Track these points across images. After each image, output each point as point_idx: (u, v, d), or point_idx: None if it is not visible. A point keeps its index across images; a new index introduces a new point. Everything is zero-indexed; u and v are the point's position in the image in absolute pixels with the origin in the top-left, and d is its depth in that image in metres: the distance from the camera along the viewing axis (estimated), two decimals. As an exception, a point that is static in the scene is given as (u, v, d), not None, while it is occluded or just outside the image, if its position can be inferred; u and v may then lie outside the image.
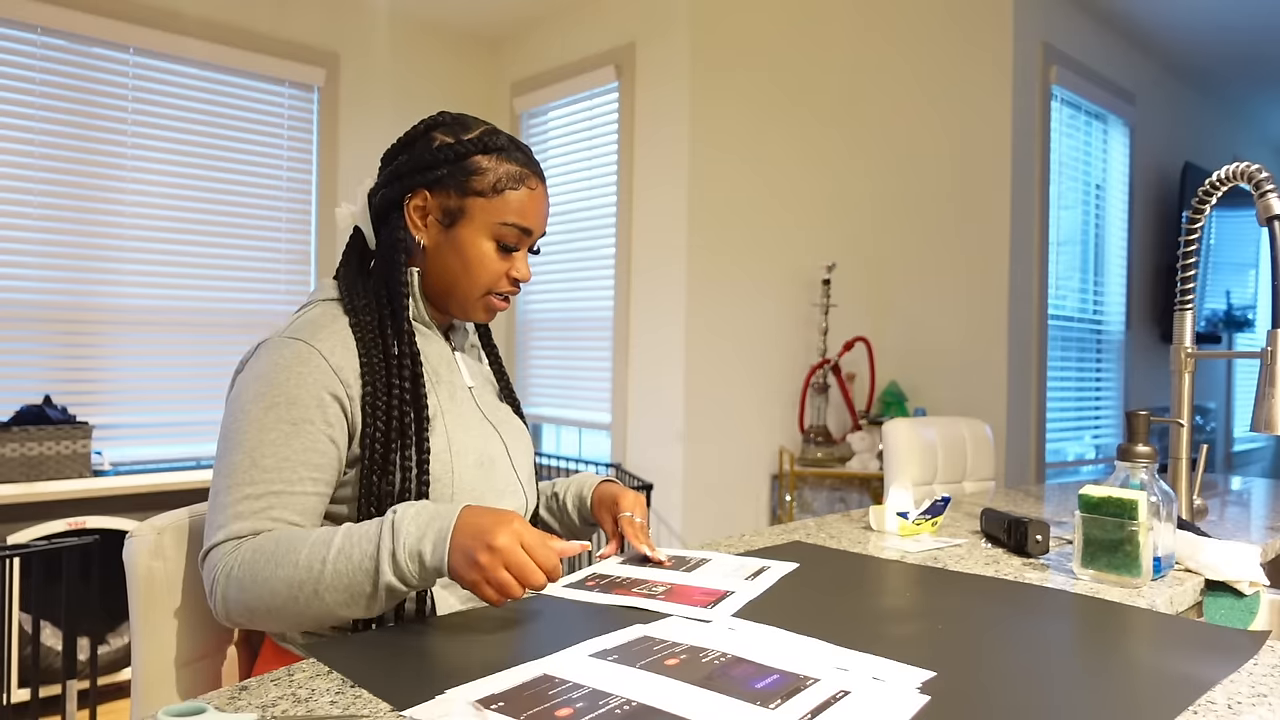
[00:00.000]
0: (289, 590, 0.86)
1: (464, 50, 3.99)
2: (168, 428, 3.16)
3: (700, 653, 0.77)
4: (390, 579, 0.84)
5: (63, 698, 2.04)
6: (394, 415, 0.99)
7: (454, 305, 1.10)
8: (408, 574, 0.85)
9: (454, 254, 1.06)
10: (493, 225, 1.06)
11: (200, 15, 3.20)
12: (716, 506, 3.13)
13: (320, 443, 0.96)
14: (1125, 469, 1.15)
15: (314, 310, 1.05)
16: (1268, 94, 4.85)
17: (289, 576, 0.86)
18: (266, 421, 0.94)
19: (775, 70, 3.22)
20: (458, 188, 1.05)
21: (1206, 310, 4.70)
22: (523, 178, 1.07)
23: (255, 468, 0.93)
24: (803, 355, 3.30)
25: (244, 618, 0.90)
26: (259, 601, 0.88)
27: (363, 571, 0.85)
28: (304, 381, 0.96)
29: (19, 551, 2.01)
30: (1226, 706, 0.69)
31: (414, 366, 1.02)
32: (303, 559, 0.86)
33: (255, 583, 0.88)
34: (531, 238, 1.09)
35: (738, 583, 1.03)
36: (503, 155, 1.06)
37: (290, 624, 0.90)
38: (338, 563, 0.85)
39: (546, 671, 0.72)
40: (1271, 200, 1.25)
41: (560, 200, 3.72)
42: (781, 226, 3.25)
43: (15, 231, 2.86)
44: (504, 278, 1.08)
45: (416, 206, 1.07)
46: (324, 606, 0.86)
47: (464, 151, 1.05)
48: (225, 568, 0.90)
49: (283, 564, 0.87)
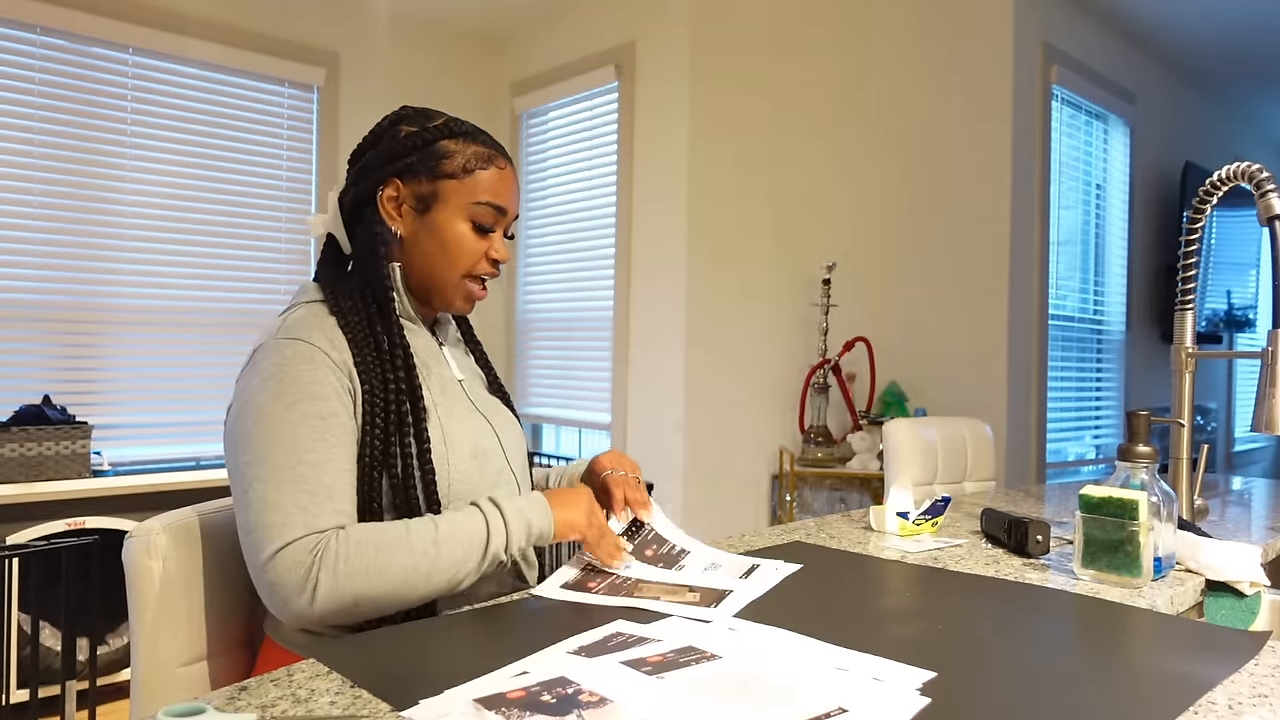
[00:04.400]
0: (404, 574, 0.92)
1: (464, 50, 3.99)
2: (167, 428, 3.16)
3: (699, 653, 0.77)
4: (498, 548, 0.97)
5: (62, 698, 2.04)
6: (391, 408, 1.00)
7: (435, 295, 1.11)
8: (516, 539, 0.98)
9: (431, 239, 1.07)
10: (467, 206, 1.07)
11: (200, 15, 3.20)
12: (716, 506, 3.13)
13: (347, 435, 0.98)
14: (1126, 469, 1.14)
15: (299, 311, 1.04)
16: (1268, 94, 4.85)
17: (405, 561, 0.92)
18: (293, 418, 0.94)
19: (775, 70, 3.22)
20: (428, 172, 1.06)
21: (1207, 310, 4.70)
22: (491, 158, 1.09)
23: (302, 464, 0.93)
24: (803, 355, 3.30)
25: (345, 608, 0.91)
26: (372, 589, 0.91)
27: (475, 546, 0.96)
28: (318, 377, 0.97)
29: (18, 551, 2.00)
30: (1227, 707, 0.69)
31: (406, 359, 1.03)
32: (415, 544, 0.93)
33: (370, 570, 0.91)
34: (506, 218, 1.11)
35: (734, 581, 1.03)
36: (468, 138, 1.08)
37: (390, 608, 0.94)
38: (447, 544, 0.94)
39: (554, 673, 0.72)
40: (1272, 200, 1.25)
41: (560, 200, 3.72)
42: (781, 226, 3.25)
43: (15, 231, 2.85)
44: (483, 259, 1.10)
45: (390, 197, 1.08)
46: (430, 587, 0.94)
47: (431, 137, 1.07)
48: (327, 560, 0.89)
49: (396, 550, 0.92)
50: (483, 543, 0.96)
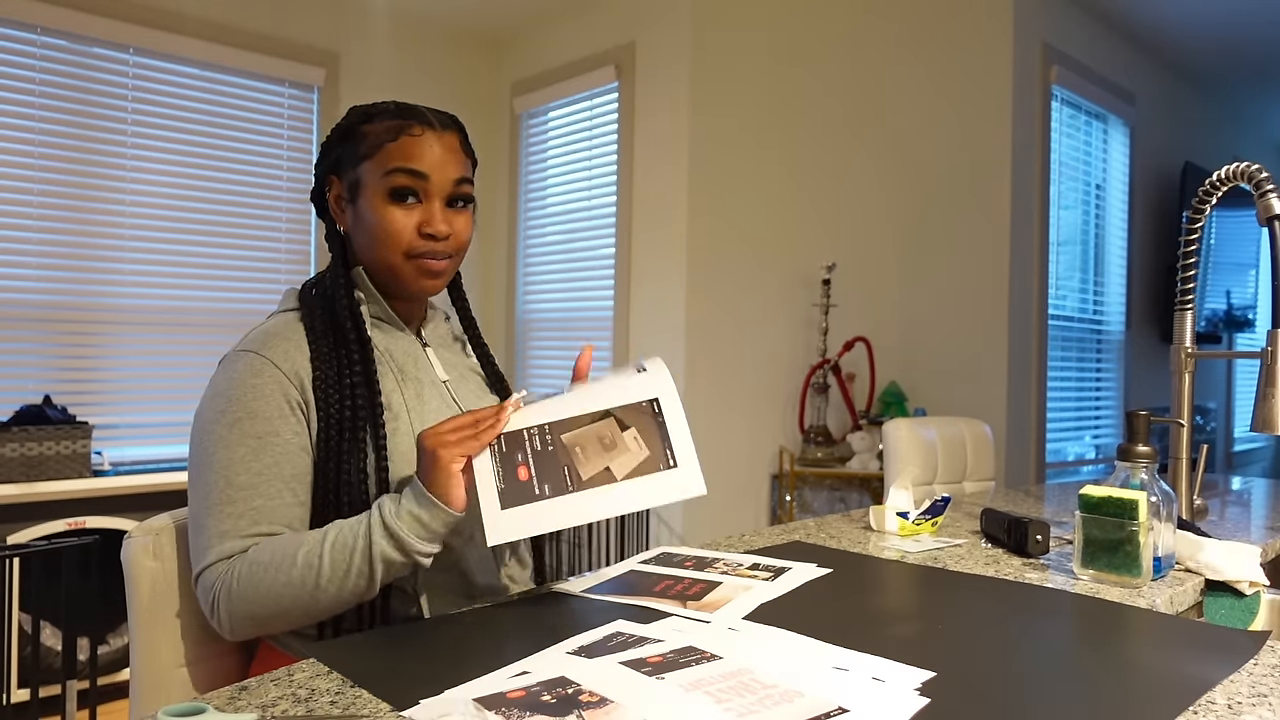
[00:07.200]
0: (292, 591, 0.89)
1: (464, 50, 3.99)
2: (168, 428, 3.16)
3: (699, 653, 0.77)
4: (384, 547, 0.89)
5: (62, 698, 2.04)
6: (346, 402, 0.99)
7: (390, 281, 1.06)
8: (401, 534, 0.88)
9: (362, 226, 1.04)
10: (380, 179, 1.02)
11: (200, 15, 3.20)
12: (716, 506, 3.13)
13: (289, 453, 0.96)
14: (1125, 469, 1.15)
15: (270, 321, 1.05)
16: (1268, 94, 4.85)
17: (289, 578, 0.89)
18: (232, 439, 0.94)
19: (775, 70, 3.22)
20: (350, 161, 1.05)
21: (1207, 310, 4.70)
22: (401, 128, 1.03)
23: (231, 486, 0.93)
24: (803, 355, 3.30)
25: (250, 627, 0.92)
26: (264, 609, 0.90)
27: (358, 551, 0.89)
28: (261, 394, 0.96)
29: (19, 551, 2.00)
30: (1227, 707, 0.69)
31: (364, 351, 1.01)
32: (300, 558, 0.89)
33: (258, 592, 0.90)
34: (429, 183, 1.02)
35: (756, 583, 1.02)
36: (384, 117, 1.04)
37: (299, 622, 0.92)
38: (333, 551, 0.89)
39: (554, 673, 0.72)
40: (1272, 200, 1.25)
41: (560, 200, 3.72)
42: (781, 226, 3.25)
43: (15, 231, 2.85)
44: (414, 234, 1.02)
45: (335, 196, 1.08)
46: (328, 597, 0.90)
47: (348, 126, 1.06)
48: (224, 585, 0.91)
49: (281, 568, 0.89)
50: (365, 547, 0.89)
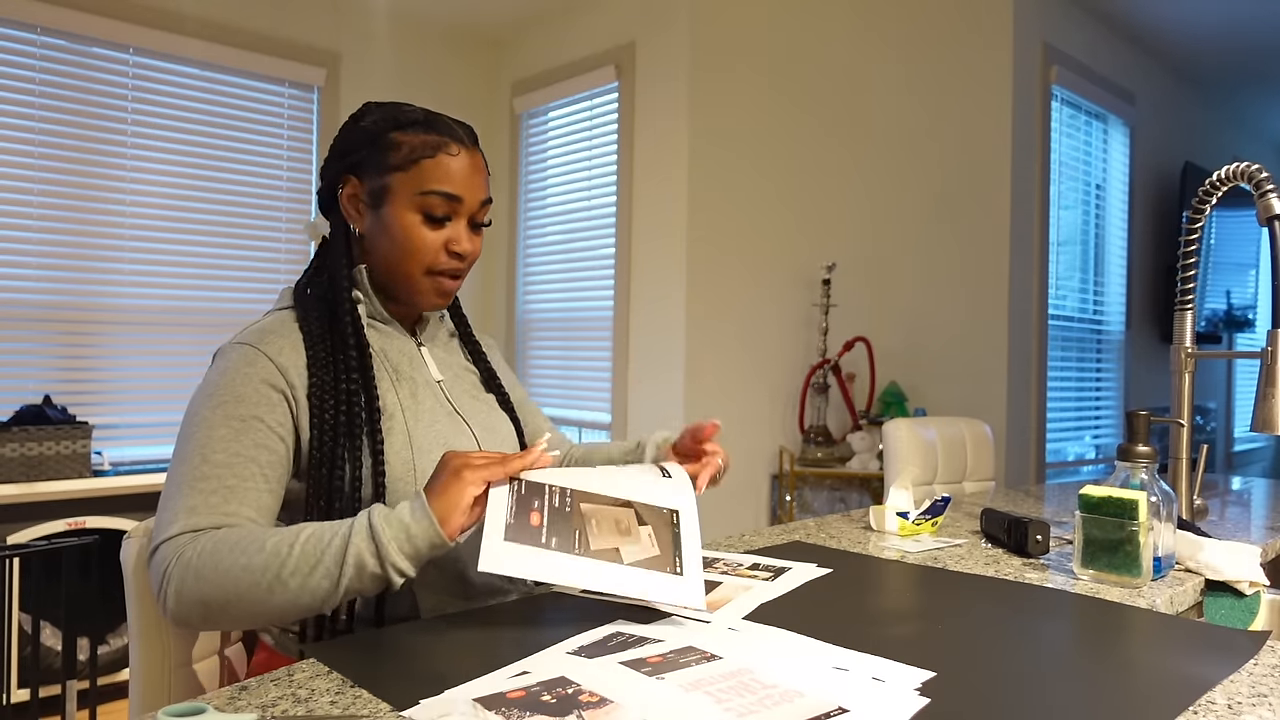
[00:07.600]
0: (250, 577, 0.83)
1: (464, 50, 3.99)
2: (168, 428, 3.16)
3: (699, 653, 0.77)
4: (360, 549, 0.83)
5: (62, 698, 2.04)
6: (342, 408, 0.98)
7: (401, 293, 1.07)
8: (383, 538, 0.83)
9: (385, 235, 1.04)
10: (414, 197, 1.03)
11: (200, 15, 3.20)
12: (716, 506, 3.13)
13: (270, 440, 0.95)
14: (1125, 469, 1.15)
15: (266, 319, 1.05)
16: (1268, 94, 4.85)
17: (251, 562, 0.84)
18: (214, 419, 0.94)
19: (775, 71, 3.22)
20: (377, 167, 1.04)
21: (1207, 310, 4.70)
22: (440, 145, 1.04)
23: (206, 463, 0.91)
24: (803, 355, 3.30)
25: (195, 612, 0.86)
26: (216, 591, 0.84)
27: (332, 548, 0.84)
28: (249, 380, 0.96)
29: (19, 551, 2.00)
30: (1226, 707, 0.69)
31: (361, 358, 1.01)
32: (269, 545, 0.84)
33: (216, 571, 0.84)
34: (463, 205, 1.05)
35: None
36: (418, 128, 1.04)
37: (244, 618, 0.86)
38: (305, 544, 0.84)
39: (554, 673, 0.72)
40: (1272, 200, 1.25)
41: (560, 200, 3.72)
42: (781, 226, 3.25)
43: (15, 231, 2.85)
44: (441, 252, 1.05)
45: (349, 195, 1.07)
46: (285, 593, 0.84)
47: (379, 130, 1.04)
48: (183, 559, 0.86)
49: (247, 551, 0.84)
50: (341, 546, 0.83)
